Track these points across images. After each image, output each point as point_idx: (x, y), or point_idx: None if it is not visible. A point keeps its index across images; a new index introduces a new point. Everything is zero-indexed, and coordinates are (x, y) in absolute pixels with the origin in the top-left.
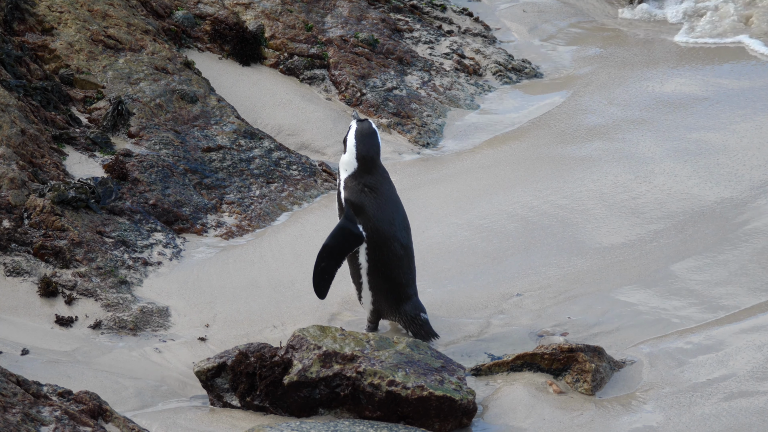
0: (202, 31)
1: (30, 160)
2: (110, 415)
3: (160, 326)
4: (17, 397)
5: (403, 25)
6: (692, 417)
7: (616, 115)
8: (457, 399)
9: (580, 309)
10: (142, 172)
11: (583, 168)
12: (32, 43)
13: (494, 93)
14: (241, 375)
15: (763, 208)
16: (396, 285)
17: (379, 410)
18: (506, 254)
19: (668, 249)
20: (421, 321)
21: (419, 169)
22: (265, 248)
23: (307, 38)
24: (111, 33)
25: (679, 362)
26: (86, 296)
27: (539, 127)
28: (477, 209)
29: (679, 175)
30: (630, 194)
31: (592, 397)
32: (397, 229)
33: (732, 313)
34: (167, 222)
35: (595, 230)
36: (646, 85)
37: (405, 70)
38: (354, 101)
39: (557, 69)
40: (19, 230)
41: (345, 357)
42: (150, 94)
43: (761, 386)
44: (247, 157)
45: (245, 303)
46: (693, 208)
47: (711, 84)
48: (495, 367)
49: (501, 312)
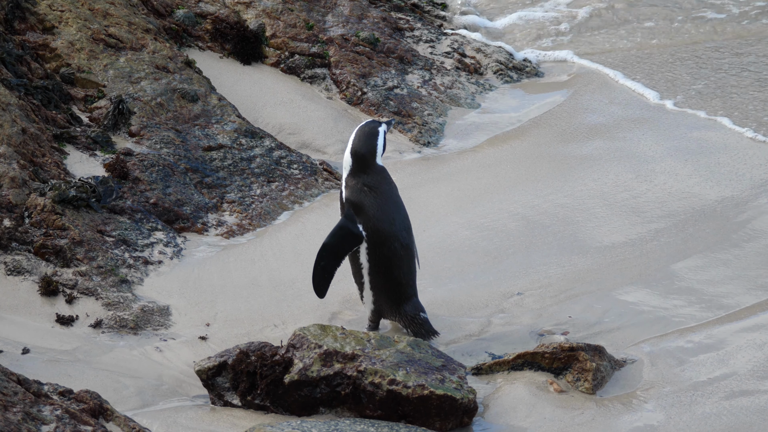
0: (203, 30)
1: (31, 159)
2: (111, 414)
3: (161, 325)
4: (18, 396)
5: (404, 23)
6: (693, 416)
7: (616, 114)
8: (458, 398)
9: (581, 308)
10: (143, 171)
11: (584, 167)
12: (33, 42)
13: (495, 92)
14: (241, 374)
15: (764, 207)
16: (397, 285)
17: (380, 409)
18: (507, 253)
19: (669, 248)
20: (420, 320)
21: (420, 168)
22: (266, 247)
23: (308, 37)
24: (112, 32)
25: (679, 361)
26: (87, 295)
27: (540, 126)
28: (478, 208)
29: (679, 174)
30: (631, 193)
31: (592, 396)
32: (397, 229)
33: (732, 312)
34: (168, 221)
35: (595, 229)
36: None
37: (406, 68)
38: (355, 100)
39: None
40: (20, 229)
41: (346, 356)
42: (151, 93)
43: (762, 385)
44: (248, 156)
45: (246, 302)
46: (693, 207)
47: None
48: (496, 366)
49: (502, 311)
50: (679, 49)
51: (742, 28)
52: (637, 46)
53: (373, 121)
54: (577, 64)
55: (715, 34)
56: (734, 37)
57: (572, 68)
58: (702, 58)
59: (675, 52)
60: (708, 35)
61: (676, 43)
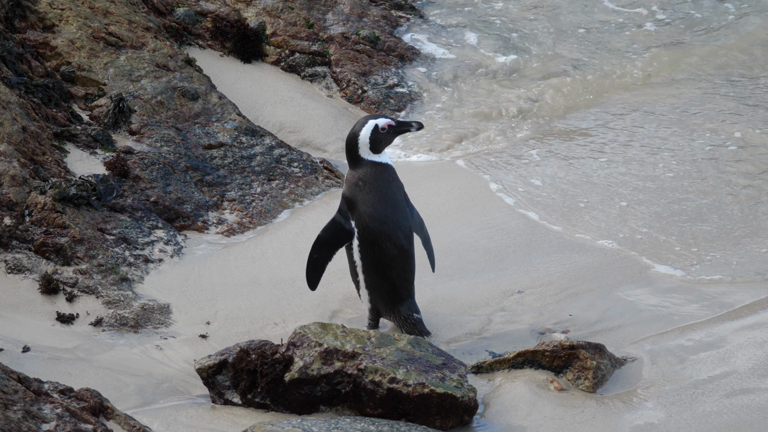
0: (203, 29)
1: (31, 158)
2: (111, 412)
3: (161, 323)
4: (18, 395)
5: (404, 22)
6: (693, 414)
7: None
8: (459, 396)
9: (582, 306)
10: (143, 169)
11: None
12: (33, 41)
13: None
14: (242, 372)
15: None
16: (391, 285)
17: (381, 407)
18: (507, 251)
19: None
20: (413, 320)
21: (421, 165)
22: (266, 245)
23: (309, 35)
24: (112, 30)
25: (680, 359)
26: (87, 293)
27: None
28: (478, 206)
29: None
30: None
31: (593, 395)
32: (390, 229)
33: (733, 310)
34: (168, 219)
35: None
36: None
37: (406, 66)
38: (355, 98)
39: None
40: (21, 227)
41: (346, 354)
42: (151, 92)
43: (762, 383)
44: (249, 154)
45: (246, 300)
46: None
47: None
48: (496, 364)
49: (502, 309)
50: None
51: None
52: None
53: (373, 114)
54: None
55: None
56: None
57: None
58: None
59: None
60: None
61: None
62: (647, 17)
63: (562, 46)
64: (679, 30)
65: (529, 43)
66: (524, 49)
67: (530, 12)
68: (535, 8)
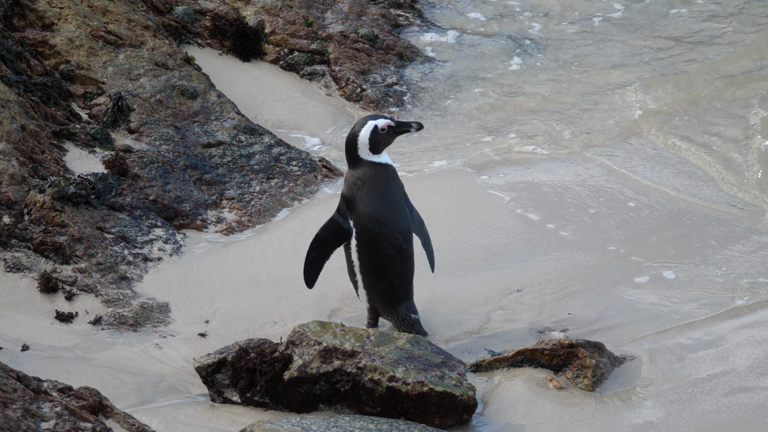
0: (202, 27)
1: (30, 156)
2: (111, 410)
3: (160, 322)
4: (17, 393)
5: (403, 20)
6: (692, 412)
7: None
8: (458, 395)
9: (581, 305)
10: (142, 167)
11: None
12: (32, 39)
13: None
14: (241, 371)
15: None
16: (389, 286)
17: (380, 406)
18: (506, 250)
19: (668, 245)
20: (411, 321)
21: (420, 165)
22: (266, 244)
23: (308, 34)
24: (111, 29)
25: (679, 358)
26: (86, 292)
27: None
28: (477, 205)
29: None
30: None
31: (592, 393)
32: (388, 230)
33: (732, 309)
34: (167, 218)
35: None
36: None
37: (405, 65)
38: (354, 97)
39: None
40: (19, 226)
41: (345, 353)
42: (150, 90)
43: (761, 382)
44: (248, 152)
45: (245, 299)
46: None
47: None
48: (495, 362)
49: (501, 308)
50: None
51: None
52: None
53: (373, 115)
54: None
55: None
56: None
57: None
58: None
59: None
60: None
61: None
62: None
63: (562, 46)
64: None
65: (529, 43)
66: (525, 49)
67: (530, 12)
68: (535, 8)
